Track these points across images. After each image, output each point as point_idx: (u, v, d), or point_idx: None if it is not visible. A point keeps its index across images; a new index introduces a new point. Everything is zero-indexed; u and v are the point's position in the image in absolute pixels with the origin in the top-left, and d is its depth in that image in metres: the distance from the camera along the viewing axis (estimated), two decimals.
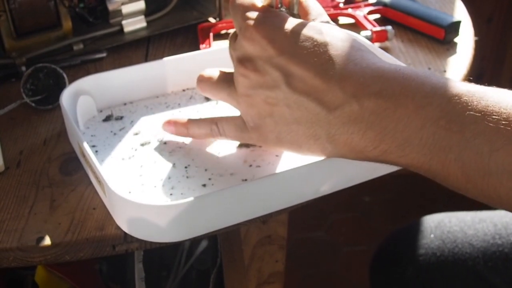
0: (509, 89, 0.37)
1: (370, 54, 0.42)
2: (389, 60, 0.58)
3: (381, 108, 0.38)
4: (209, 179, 0.50)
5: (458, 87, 0.37)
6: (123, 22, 0.70)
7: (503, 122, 0.34)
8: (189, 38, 0.71)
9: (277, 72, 0.42)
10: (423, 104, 0.37)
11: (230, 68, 0.49)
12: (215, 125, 0.50)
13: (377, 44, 0.68)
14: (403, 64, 0.55)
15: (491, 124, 0.34)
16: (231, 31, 0.72)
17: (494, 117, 0.34)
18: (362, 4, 0.75)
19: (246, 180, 0.50)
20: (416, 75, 0.39)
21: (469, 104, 0.36)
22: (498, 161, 0.34)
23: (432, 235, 0.71)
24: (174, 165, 0.51)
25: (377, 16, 0.74)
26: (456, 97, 0.36)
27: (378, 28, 0.69)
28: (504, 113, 0.34)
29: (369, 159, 0.41)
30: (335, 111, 0.40)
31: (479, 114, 0.35)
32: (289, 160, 0.52)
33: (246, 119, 0.47)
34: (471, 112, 0.35)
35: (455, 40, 0.70)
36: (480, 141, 0.34)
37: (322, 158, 0.46)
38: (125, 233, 0.46)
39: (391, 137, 0.38)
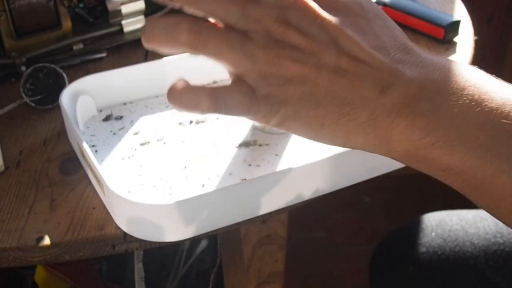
0: None
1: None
2: None
3: (442, 95, 0.34)
4: (208, 178, 0.50)
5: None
6: (123, 22, 0.70)
7: None
8: None
9: (324, 33, 0.36)
10: (486, 99, 0.33)
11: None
12: (215, 98, 0.38)
13: None
14: None
15: None
16: None
17: None
18: None
19: (245, 179, 0.50)
20: (479, 72, 0.35)
21: None
22: None
23: (433, 234, 0.71)
24: (173, 165, 0.51)
25: None
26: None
27: None
28: None
29: (405, 151, 0.35)
30: (388, 89, 0.35)
31: None
32: (289, 159, 0.52)
33: (259, 84, 0.37)
34: None
35: (455, 39, 0.70)
36: None
37: (339, 148, 0.40)
38: (124, 232, 0.46)
39: (444, 129, 0.33)
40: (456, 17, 0.70)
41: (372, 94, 0.35)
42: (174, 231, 0.45)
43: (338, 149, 0.51)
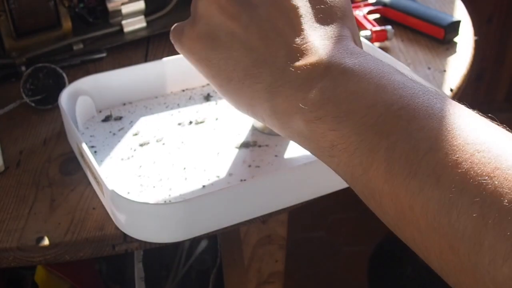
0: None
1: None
2: (389, 61, 0.58)
3: (345, 77, 0.34)
4: (208, 179, 0.50)
5: (428, 87, 0.33)
6: (123, 22, 0.70)
7: (458, 125, 0.30)
8: None
9: None
10: (386, 86, 0.33)
11: None
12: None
13: (376, 44, 0.68)
14: (399, 65, 0.54)
15: (444, 123, 0.30)
16: None
17: (452, 119, 0.30)
18: (361, 4, 0.75)
19: (245, 180, 0.50)
20: (393, 67, 0.35)
21: (432, 101, 0.31)
22: (431, 161, 0.29)
23: None
24: (173, 165, 0.51)
25: (377, 16, 0.74)
26: (421, 92, 0.32)
27: (377, 28, 0.69)
28: (464, 119, 0.30)
29: (297, 125, 0.35)
30: (296, 64, 0.35)
31: (437, 112, 0.31)
32: (288, 160, 0.52)
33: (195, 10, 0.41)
34: (429, 108, 0.31)
35: (455, 39, 0.70)
36: (423, 136, 0.30)
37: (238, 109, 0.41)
38: (124, 233, 0.46)
39: (335, 105, 0.33)
40: (456, 17, 0.70)
41: (281, 64, 0.36)
42: (174, 232, 0.45)
43: None
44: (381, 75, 0.33)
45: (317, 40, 0.36)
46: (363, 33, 0.67)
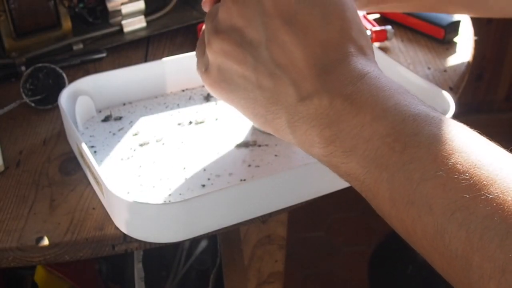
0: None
1: (362, 51, 0.40)
2: (389, 62, 0.58)
3: (346, 110, 0.37)
4: (208, 179, 0.50)
5: (419, 108, 0.36)
6: (123, 22, 0.70)
7: (443, 153, 0.32)
8: (188, 38, 0.72)
9: (263, 30, 0.39)
10: (379, 116, 0.36)
11: None
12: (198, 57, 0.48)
13: (376, 44, 0.68)
14: (399, 66, 0.54)
15: (431, 152, 0.33)
16: None
17: (438, 145, 0.33)
18: None
19: (245, 180, 0.50)
20: (389, 87, 0.37)
21: (421, 127, 0.34)
22: (423, 191, 0.32)
23: None
24: (172, 165, 0.51)
25: (377, 16, 0.74)
26: (411, 118, 0.35)
27: (377, 28, 0.69)
28: (449, 144, 0.33)
29: (317, 156, 0.39)
30: (305, 100, 0.38)
31: (424, 140, 0.34)
32: (288, 160, 0.52)
33: (210, 59, 0.44)
34: (418, 136, 0.34)
35: (455, 39, 0.70)
36: (414, 167, 0.33)
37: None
38: (124, 233, 0.46)
39: (341, 141, 0.37)
40: (456, 17, 0.70)
41: (292, 101, 0.39)
42: (174, 232, 0.45)
43: None
44: (376, 103, 0.36)
45: (319, 68, 0.38)
46: None
